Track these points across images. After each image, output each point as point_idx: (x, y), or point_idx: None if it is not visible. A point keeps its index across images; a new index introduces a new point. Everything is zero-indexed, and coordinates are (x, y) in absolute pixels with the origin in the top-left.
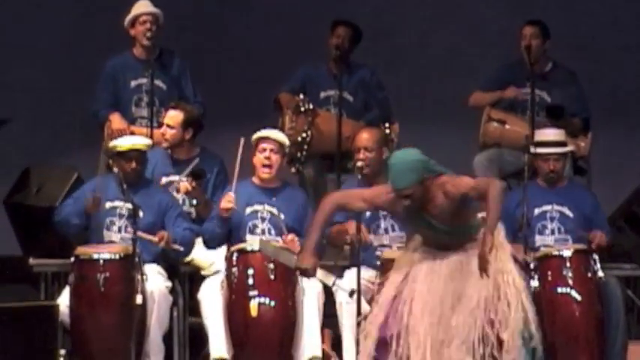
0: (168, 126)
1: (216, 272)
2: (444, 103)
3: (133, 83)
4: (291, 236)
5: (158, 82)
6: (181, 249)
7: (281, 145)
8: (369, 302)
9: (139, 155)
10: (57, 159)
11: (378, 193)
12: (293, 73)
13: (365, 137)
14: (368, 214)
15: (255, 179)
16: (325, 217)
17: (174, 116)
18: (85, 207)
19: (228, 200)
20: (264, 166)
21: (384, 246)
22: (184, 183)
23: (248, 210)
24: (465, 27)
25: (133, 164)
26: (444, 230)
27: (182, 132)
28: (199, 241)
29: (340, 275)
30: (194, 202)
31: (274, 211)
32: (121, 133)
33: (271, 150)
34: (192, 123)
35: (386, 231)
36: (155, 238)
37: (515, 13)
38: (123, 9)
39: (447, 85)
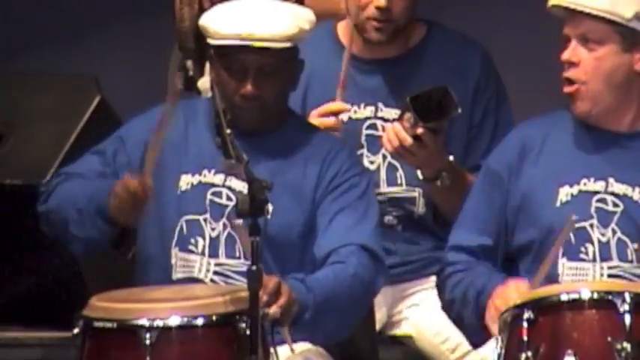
0: None
1: None
2: None
3: None
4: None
5: None
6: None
7: (614, 23)
8: None
9: (288, 59)
10: (45, 58)
11: None
12: None
13: None
14: None
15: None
16: None
17: None
18: (114, 200)
19: None
20: (566, 80)
21: None
22: (395, 125)
23: (561, 194)
24: None
25: (277, 83)
26: None
27: None
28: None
29: None
30: (420, 174)
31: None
32: None
33: (583, 38)
34: None
35: None
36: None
37: None
38: None
39: None
